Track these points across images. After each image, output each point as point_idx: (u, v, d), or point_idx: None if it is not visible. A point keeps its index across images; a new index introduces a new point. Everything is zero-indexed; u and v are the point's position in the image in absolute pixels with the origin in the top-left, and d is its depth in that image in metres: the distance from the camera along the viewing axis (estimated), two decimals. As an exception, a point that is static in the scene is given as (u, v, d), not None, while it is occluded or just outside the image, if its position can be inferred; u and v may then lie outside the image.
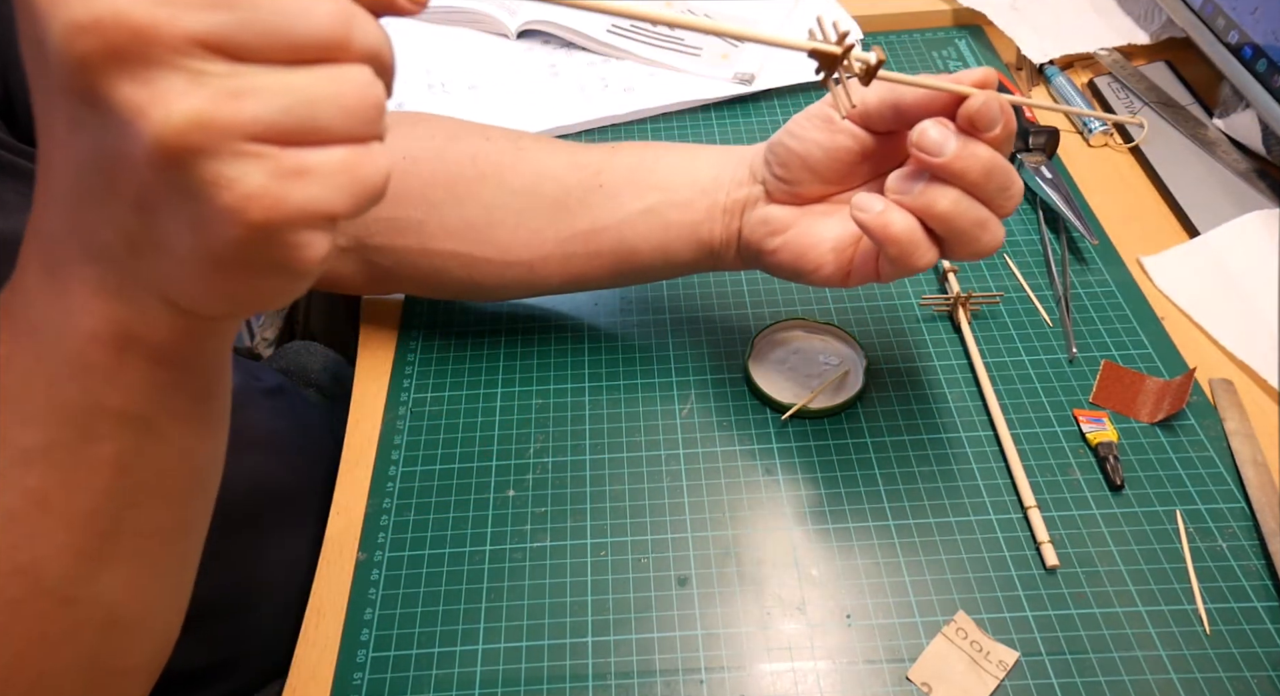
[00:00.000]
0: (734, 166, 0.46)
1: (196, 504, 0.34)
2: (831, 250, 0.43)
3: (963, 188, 0.37)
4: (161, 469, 0.31)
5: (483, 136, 0.50)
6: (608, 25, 0.78)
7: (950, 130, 0.37)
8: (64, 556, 0.29)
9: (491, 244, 0.49)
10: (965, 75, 0.38)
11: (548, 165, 0.49)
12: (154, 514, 0.32)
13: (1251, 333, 0.54)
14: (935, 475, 0.49)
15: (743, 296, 0.58)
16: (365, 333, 0.58)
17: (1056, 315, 0.56)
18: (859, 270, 0.42)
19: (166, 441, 0.30)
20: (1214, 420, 0.50)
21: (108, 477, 0.29)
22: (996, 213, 0.38)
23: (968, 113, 0.37)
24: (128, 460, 0.29)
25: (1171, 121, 0.68)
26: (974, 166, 0.37)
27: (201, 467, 0.33)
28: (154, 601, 0.34)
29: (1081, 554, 0.45)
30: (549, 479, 0.50)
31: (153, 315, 0.26)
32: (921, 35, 0.80)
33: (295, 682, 0.43)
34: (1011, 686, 0.41)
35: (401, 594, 0.46)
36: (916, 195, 0.38)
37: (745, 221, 0.46)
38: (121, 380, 0.27)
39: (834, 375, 0.53)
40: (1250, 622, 0.42)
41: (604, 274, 0.50)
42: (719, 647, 0.43)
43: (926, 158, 0.37)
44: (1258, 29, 0.61)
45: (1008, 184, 0.38)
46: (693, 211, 0.46)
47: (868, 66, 0.35)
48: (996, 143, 0.37)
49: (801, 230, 0.44)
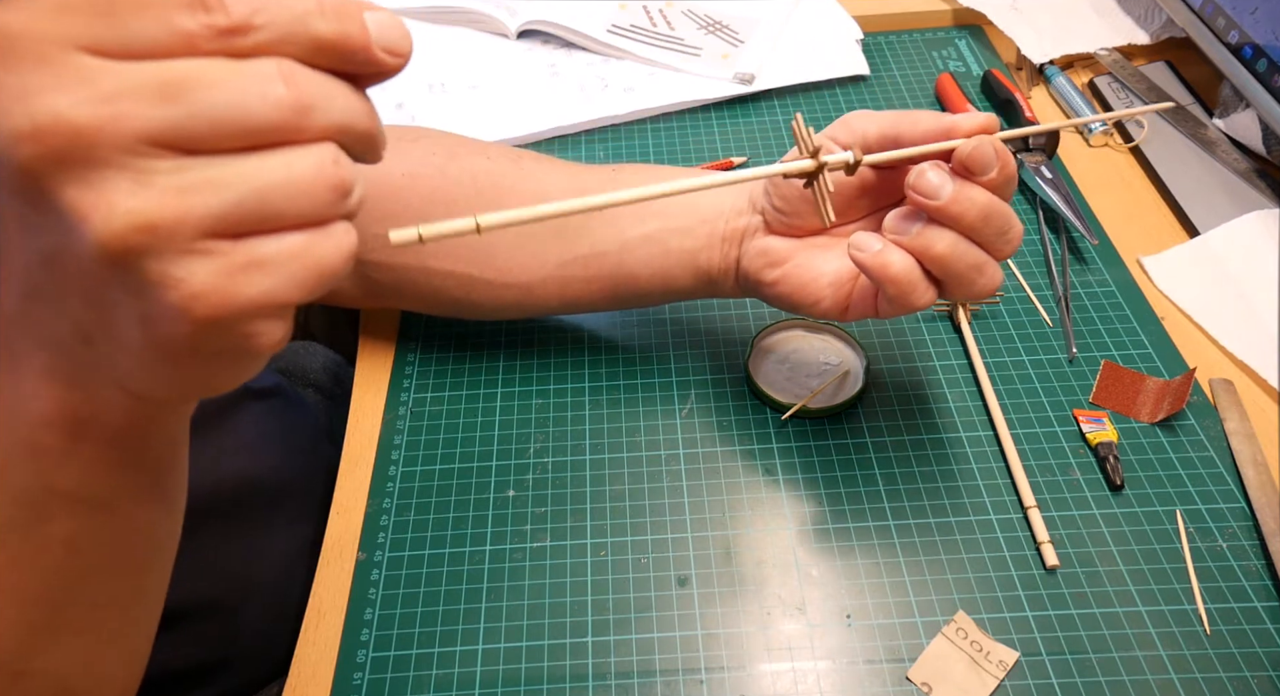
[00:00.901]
0: (734, 194, 0.46)
1: (152, 573, 0.34)
2: (830, 284, 0.42)
3: (959, 231, 0.37)
4: (115, 544, 0.30)
5: (483, 155, 0.50)
6: (608, 25, 0.78)
7: (947, 173, 0.37)
8: (14, 631, 0.29)
9: (490, 265, 0.49)
10: (964, 120, 0.37)
11: (548, 187, 0.48)
12: (107, 586, 0.31)
13: (1251, 333, 0.54)
14: (935, 475, 0.49)
15: (743, 296, 0.59)
16: (365, 333, 0.58)
17: (1056, 315, 0.56)
18: (857, 306, 0.42)
19: (121, 518, 0.30)
20: (1214, 420, 0.50)
21: (60, 556, 0.28)
22: (995, 256, 0.38)
23: (960, 157, 0.36)
24: (81, 539, 0.29)
25: (1171, 121, 0.68)
26: (970, 210, 0.36)
27: (157, 539, 0.33)
28: (108, 669, 0.34)
29: (1081, 554, 0.45)
30: (549, 479, 0.50)
31: (106, 401, 0.26)
32: (921, 35, 0.80)
33: (295, 682, 0.43)
34: (1011, 686, 0.41)
35: (401, 594, 0.46)
36: (914, 236, 0.37)
37: (744, 251, 0.45)
38: (75, 463, 0.27)
39: (834, 375, 0.53)
40: (1250, 622, 0.42)
41: (602, 298, 0.50)
42: (719, 647, 0.43)
43: (923, 200, 0.37)
44: (1258, 29, 0.61)
45: (1006, 228, 0.37)
46: (692, 238, 0.46)
47: (847, 166, 0.36)
48: (994, 187, 0.37)
49: (800, 263, 0.43)
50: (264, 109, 0.21)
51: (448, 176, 0.49)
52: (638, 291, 0.49)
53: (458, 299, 0.51)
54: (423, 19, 0.81)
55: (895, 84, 0.75)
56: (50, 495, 0.27)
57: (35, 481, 0.27)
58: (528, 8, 0.78)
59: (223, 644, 0.51)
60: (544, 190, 0.48)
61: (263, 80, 0.21)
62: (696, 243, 0.46)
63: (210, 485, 0.49)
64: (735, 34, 0.78)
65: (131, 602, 0.34)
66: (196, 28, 0.20)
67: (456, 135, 0.52)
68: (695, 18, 0.80)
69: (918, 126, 0.38)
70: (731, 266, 0.46)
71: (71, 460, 0.27)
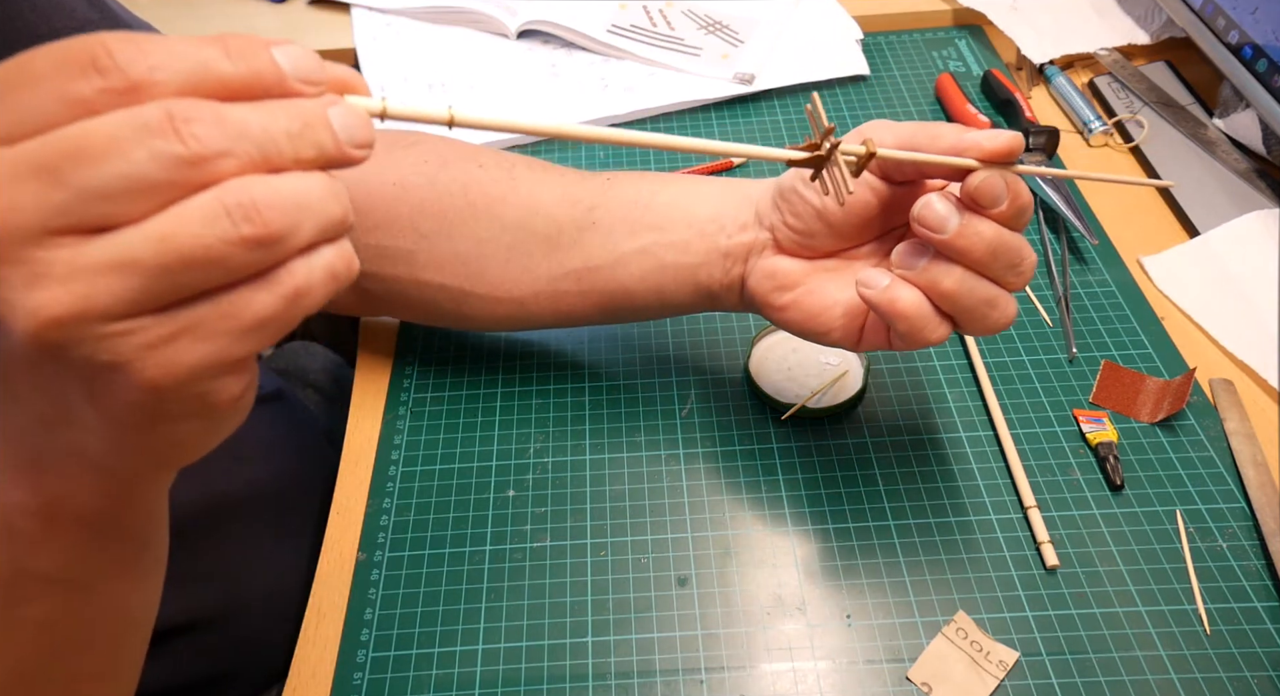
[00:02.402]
0: (736, 206, 0.43)
1: (128, 647, 0.34)
2: (842, 315, 0.40)
3: (967, 265, 0.35)
4: (90, 621, 0.30)
5: (476, 163, 0.48)
6: (608, 25, 0.78)
7: (954, 205, 0.35)
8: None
9: (481, 279, 0.47)
10: (986, 141, 0.34)
11: (541, 199, 0.47)
12: (83, 661, 0.31)
13: (1251, 333, 0.54)
14: (935, 475, 0.49)
15: (743, 296, 0.59)
16: (365, 333, 0.58)
17: (1056, 315, 0.56)
18: (869, 338, 0.40)
19: (97, 596, 0.29)
20: (1214, 420, 0.50)
21: (33, 634, 0.28)
22: (1006, 288, 0.36)
23: (968, 190, 0.34)
24: (55, 618, 0.28)
25: (1171, 121, 0.68)
26: (978, 245, 0.34)
27: (133, 613, 0.32)
28: None
29: (1081, 554, 0.45)
30: (549, 479, 0.50)
31: (77, 482, 0.25)
32: (921, 35, 0.80)
33: (295, 682, 0.43)
34: (1011, 686, 0.41)
35: (401, 594, 0.46)
36: (920, 271, 0.36)
37: (750, 270, 0.43)
38: (49, 546, 0.27)
39: (834, 375, 0.53)
40: (1250, 622, 0.42)
41: (597, 312, 0.48)
42: (719, 647, 0.43)
43: (928, 233, 0.35)
44: (1258, 29, 0.60)
45: (1017, 261, 0.36)
46: (690, 254, 0.44)
47: (859, 159, 0.33)
48: (1004, 219, 0.35)
49: (811, 289, 0.41)
50: (154, 169, 0.19)
51: (438, 187, 0.47)
52: (633, 306, 0.47)
53: (449, 312, 0.50)
54: (423, 19, 0.81)
55: (895, 84, 0.75)
56: (25, 577, 0.27)
57: (10, 565, 0.26)
58: (528, 8, 0.78)
59: (225, 655, 0.51)
60: (536, 200, 0.47)
61: (149, 135, 0.19)
62: (695, 258, 0.44)
63: (215, 496, 0.49)
64: (735, 34, 0.78)
65: (108, 675, 0.33)
66: (93, 93, 0.19)
67: (450, 140, 0.50)
68: (695, 18, 0.80)
69: (938, 142, 0.36)
70: (735, 283, 0.44)
71: (46, 544, 0.26)
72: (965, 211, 0.35)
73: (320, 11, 0.83)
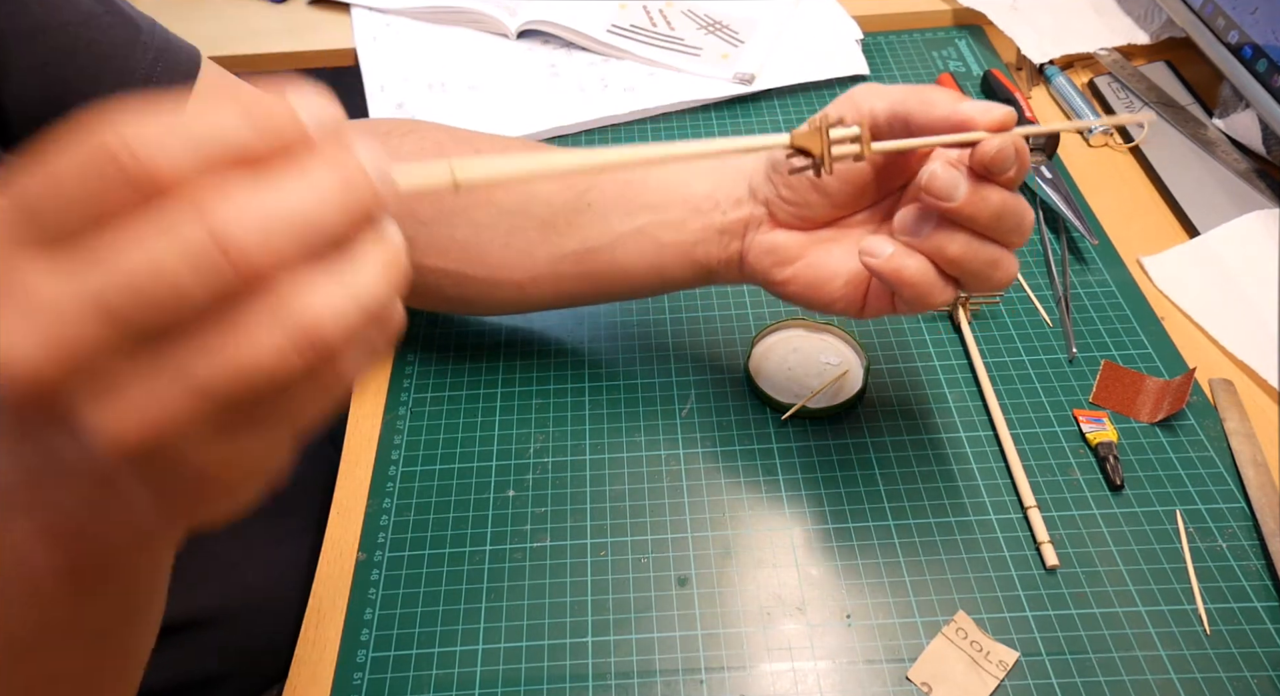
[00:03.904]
0: (731, 181, 0.44)
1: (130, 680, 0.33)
2: (844, 285, 0.41)
3: (973, 230, 0.36)
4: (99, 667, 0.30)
5: (472, 149, 0.49)
6: (608, 25, 0.78)
7: (960, 173, 0.35)
8: None
9: (481, 263, 0.48)
10: (981, 114, 0.35)
11: (535, 186, 0.47)
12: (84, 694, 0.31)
13: (1251, 333, 0.54)
14: (935, 475, 0.49)
15: (743, 296, 0.58)
16: (365, 333, 0.58)
17: (1056, 315, 0.56)
18: (873, 304, 0.40)
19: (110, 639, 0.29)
20: (1214, 420, 0.50)
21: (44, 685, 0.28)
22: (1008, 247, 0.37)
23: (983, 159, 0.34)
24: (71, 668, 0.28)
25: (1171, 121, 0.68)
26: (985, 211, 0.35)
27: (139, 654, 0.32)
28: None
29: (1081, 554, 0.45)
30: (549, 479, 0.50)
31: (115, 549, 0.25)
32: (921, 35, 0.80)
33: (295, 682, 0.43)
34: (1011, 686, 0.41)
35: (401, 594, 0.46)
36: (925, 239, 0.36)
37: (749, 246, 0.43)
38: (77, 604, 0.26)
39: (834, 375, 0.53)
40: (1250, 622, 0.42)
41: (597, 293, 0.49)
42: (719, 647, 0.43)
43: (936, 202, 0.35)
44: (1258, 29, 0.60)
45: (1020, 222, 0.36)
46: (686, 232, 0.44)
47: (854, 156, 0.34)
48: (1009, 183, 0.35)
49: (812, 261, 0.41)
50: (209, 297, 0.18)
51: None
52: (633, 285, 0.48)
53: (451, 297, 0.51)
54: (423, 19, 0.81)
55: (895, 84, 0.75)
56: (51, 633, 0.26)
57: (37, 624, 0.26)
58: (528, 8, 0.78)
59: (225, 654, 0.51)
60: (531, 188, 0.47)
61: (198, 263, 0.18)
62: (691, 236, 0.44)
63: None
64: (735, 34, 0.78)
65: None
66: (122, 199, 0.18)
67: (447, 128, 0.51)
68: (695, 18, 0.80)
69: (932, 111, 0.36)
70: (733, 259, 0.44)
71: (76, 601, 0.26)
72: (972, 178, 0.35)
73: (320, 11, 0.83)
